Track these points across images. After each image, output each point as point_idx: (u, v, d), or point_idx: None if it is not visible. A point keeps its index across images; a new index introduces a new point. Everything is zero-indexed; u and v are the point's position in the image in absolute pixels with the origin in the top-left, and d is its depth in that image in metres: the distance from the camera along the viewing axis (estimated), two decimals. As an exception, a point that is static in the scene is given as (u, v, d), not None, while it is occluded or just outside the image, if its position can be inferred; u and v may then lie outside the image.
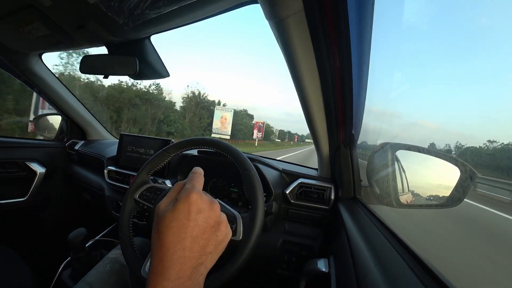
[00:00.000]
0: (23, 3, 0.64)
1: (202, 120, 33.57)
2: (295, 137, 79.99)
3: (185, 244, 0.29)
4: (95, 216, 1.42)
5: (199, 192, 0.32)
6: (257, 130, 40.26)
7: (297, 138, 79.88)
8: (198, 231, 0.30)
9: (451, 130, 36.02)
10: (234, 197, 0.93)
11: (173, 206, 0.31)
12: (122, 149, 1.10)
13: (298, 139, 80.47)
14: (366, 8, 0.41)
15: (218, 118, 31.41)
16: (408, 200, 0.63)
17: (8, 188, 1.20)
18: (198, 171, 0.38)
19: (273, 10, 0.38)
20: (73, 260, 0.86)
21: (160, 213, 0.31)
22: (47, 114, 1.49)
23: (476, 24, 50.00)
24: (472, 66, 61.01)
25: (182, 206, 0.30)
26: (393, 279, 0.33)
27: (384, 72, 0.76)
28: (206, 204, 0.32)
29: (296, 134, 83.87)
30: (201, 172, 0.38)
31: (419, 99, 18.65)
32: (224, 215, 0.35)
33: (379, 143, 0.74)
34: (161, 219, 0.30)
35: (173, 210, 0.30)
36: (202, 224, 0.31)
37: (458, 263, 1.64)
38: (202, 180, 0.36)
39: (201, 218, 0.31)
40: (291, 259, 0.79)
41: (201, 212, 0.31)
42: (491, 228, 3.05)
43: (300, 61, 0.47)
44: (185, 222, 0.30)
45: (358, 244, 0.45)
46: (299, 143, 71.73)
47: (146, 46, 0.81)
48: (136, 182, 0.65)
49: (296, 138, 78.91)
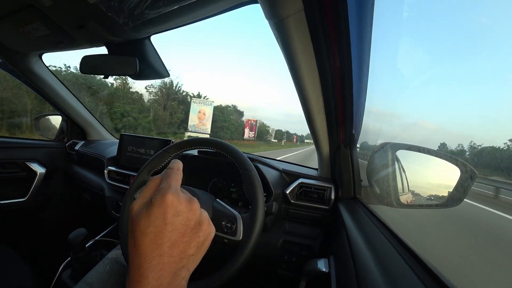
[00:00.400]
0: (23, 3, 0.64)
1: (174, 116, 27.38)
2: (294, 137, 77.15)
3: (163, 250, 0.27)
4: (95, 216, 1.42)
5: (175, 192, 0.29)
6: (249, 129, 36.15)
7: (296, 138, 77.13)
8: (176, 235, 0.28)
9: (451, 130, 35.88)
10: (234, 197, 0.93)
11: (147, 210, 0.27)
12: (122, 149, 1.10)
13: (298, 139, 77.56)
14: (366, 8, 0.41)
15: (195, 112, 25.46)
16: (408, 200, 0.63)
17: (8, 188, 1.20)
18: (176, 166, 0.33)
19: (273, 10, 0.38)
20: (73, 260, 0.86)
21: (134, 217, 0.28)
22: (47, 114, 1.49)
23: (476, 24, 49.87)
24: (473, 66, 60.90)
25: (157, 210, 0.27)
26: (393, 279, 0.33)
27: (384, 72, 0.76)
28: (184, 205, 0.29)
29: (295, 134, 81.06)
30: (178, 167, 0.34)
31: (419, 99, 18.70)
32: (205, 212, 0.33)
33: (379, 143, 0.74)
34: (136, 225, 0.27)
35: (148, 214, 0.27)
36: (181, 227, 0.28)
37: (459, 263, 1.64)
38: (180, 176, 0.33)
39: (179, 220, 0.28)
40: (291, 259, 0.79)
41: (179, 215, 0.28)
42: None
43: (300, 61, 0.47)
44: (162, 227, 0.27)
45: (358, 244, 0.45)
46: (296, 143, 67.88)
47: (146, 46, 0.81)
48: (136, 182, 0.65)
49: (295, 139, 76.14)
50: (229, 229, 0.54)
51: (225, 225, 0.54)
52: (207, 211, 0.56)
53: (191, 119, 25.62)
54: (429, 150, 0.56)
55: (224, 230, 0.54)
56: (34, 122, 1.47)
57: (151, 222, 0.27)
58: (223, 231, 0.54)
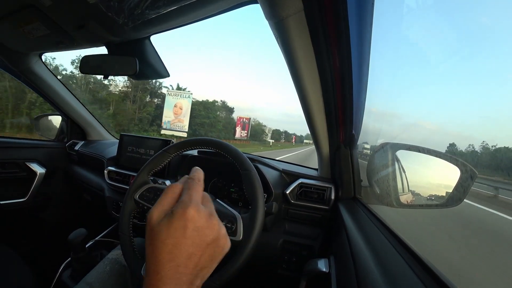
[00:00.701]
0: (23, 3, 0.64)
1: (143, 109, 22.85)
2: (293, 137, 74.97)
3: (179, 261, 0.28)
4: (95, 217, 1.42)
5: (196, 207, 0.30)
6: (241, 128, 33.11)
7: (294, 138, 75.35)
8: (194, 248, 0.29)
9: (451, 131, 35.65)
10: (234, 197, 0.93)
11: (168, 221, 0.29)
12: (122, 150, 1.10)
13: (297, 140, 76.20)
14: (366, 8, 0.41)
15: (170, 107, 21.64)
16: (408, 200, 0.63)
17: (8, 188, 1.20)
18: (197, 176, 0.34)
19: (273, 10, 0.38)
20: (73, 261, 0.86)
21: (154, 226, 0.29)
22: (47, 114, 1.49)
23: (477, 23, 49.80)
24: (473, 66, 60.82)
25: (178, 223, 0.28)
26: (394, 279, 0.33)
27: (384, 72, 0.76)
28: (204, 220, 0.30)
29: (294, 134, 78.73)
30: (200, 178, 0.34)
31: (419, 99, 18.53)
32: (223, 228, 0.33)
33: (379, 143, 0.74)
34: (156, 234, 0.29)
35: (168, 226, 0.28)
36: (199, 242, 0.29)
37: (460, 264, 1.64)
38: (201, 187, 0.33)
39: (198, 235, 0.29)
40: (291, 259, 0.79)
41: (198, 230, 0.29)
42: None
43: (300, 61, 0.47)
44: (180, 239, 0.28)
45: (358, 244, 0.45)
46: (293, 144, 65.59)
47: (146, 46, 0.81)
48: (136, 183, 0.65)
49: (293, 139, 74.17)
50: (229, 229, 0.54)
51: (225, 225, 0.54)
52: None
53: (166, 114, 21.99)
54: (429, 150, 0.56)
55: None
56: (34, 122, 1.47)
57: (171, 234, 0.28)
58: None
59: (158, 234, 0.28)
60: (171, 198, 0.31)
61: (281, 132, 67.69)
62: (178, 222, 0.28)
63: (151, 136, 1.15)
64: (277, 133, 64.84)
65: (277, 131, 65.77)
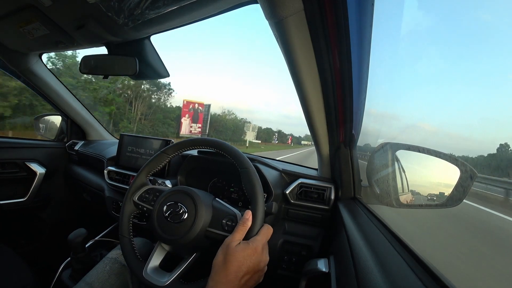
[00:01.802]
0: (23, 3, 0.64)
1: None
2: (289, 138, 66.20)
3: (239, 275, 0.44)
4: (95, 217, 1.42)
5: (264, 245, 0.49)
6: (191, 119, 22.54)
7: (291, 139, 67.02)
8: (248, 270, 0.45)
9: (451, 132, 35.68)
10: (234, 197, 0.93)
11: (244, 248, 0.45)
12: (122, 150, 1.09)
13: (294, 141, 68.67)
14: (366, 8, 0.41)
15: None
16: (408, 200, 0.63)
17: (8, 188, 1.20)
18: (270, 229, 0.52)
19: (273, 10, 0.38)
20: (73, 260, 0.86)
21: (231, 247, 0.45)
22: (47, 114, 1.49)
23: (477, 23, 49.79)
24: (473, 66, 60.72)
25: (250, 251, 0.45)
26: (393, 279, 0.33)
27: (384, 72, 0.76)
28: (264, 254, 0.49)
29: (290, 135, 68.69)
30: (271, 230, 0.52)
31: (419, 100, 18.61)
32: (267, 255, 0.51)
33: (379, 143, 0.74)
34: (232, 253, 0.45)
35: (243, 252, 0.45)
36: (253, 267, 0.46)
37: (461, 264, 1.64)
38: (270, 233, 0.52)
39: (255, 263, 0.46)
40: (291, 259, 0.79)
41: (258, 260, 0.46)
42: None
43: (300, 61, 0.47)
44: (245, 262, 0.44)
45: (358, 244, 0.45)
46: (286, 145, 56.51)
47: (146, 46, 0.80)
48: (134, 185, 0.65)
49: (290, 140, 65.79)
50: (229, 227, 0.54)
51: (226, 224, 0.54)
52: (207, 211, 0.56)
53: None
54: (429, 150, 0.56)
55: (225, 229, 0.54)
56: (34, 122, 1.47)
57: (241, 257, 0.45)
58: (224, 230, 0.54)
59: (234, 253, 0.44)
60: (245, 229, 0.50)
61: (272, 132, 56.70)
62: (251, 251, 0.46)
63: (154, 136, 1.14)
64: (267, 132, 54.48)
65: (268, 130, 55.52)
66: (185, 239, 0.53)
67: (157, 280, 0.54)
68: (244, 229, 0.49)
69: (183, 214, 0.55)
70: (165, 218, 0.55)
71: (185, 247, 0.56)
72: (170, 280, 0.53)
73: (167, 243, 0.58)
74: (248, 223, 0.50)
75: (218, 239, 0.53)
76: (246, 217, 0.51)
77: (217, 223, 0.55)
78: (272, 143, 51.34)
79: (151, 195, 0.63)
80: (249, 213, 0.52)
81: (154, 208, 0.58)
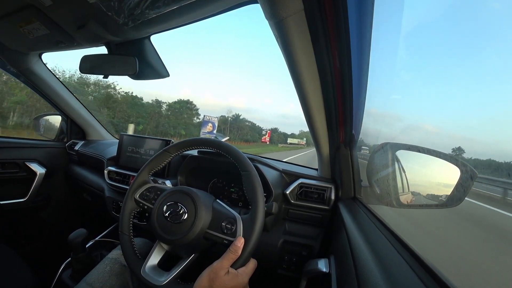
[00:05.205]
0: (23, 3, 0.64)
1: None
2: (267, 133, 45.65)
3: None
4: (95, 217, 1.42)
5: (248, 278, 0.52)
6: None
7: (269, 135, 46.27)
8: None
9: (453, 133, 35.24)
10: (234, 197, 0.93)
11: (231, 279, 0.48)
12: (122, 150, 1.09)
13: (281, 140, 50.73)
14: (366, 8, 0.41)
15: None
16: (408, 200, 0.63)
17: (8, 188, 1.20)
18: (255, 265, 0.55)
19: (273, 10, 0.38)
20: (74, 261, 0.86)
21: (220, 275, 0.48)
22: (47, 114, 1.49)
23: (477, 23, 49.28)
24: (474, 66, 60.38)
25: (236, 280, 0.49)
26: (394, 279, 0.33)
27: (384, 72, 0.76)
28: (246, 282, 0.51)
29: (269, 129, 47.80)
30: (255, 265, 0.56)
31: (419, 100, 18.41)
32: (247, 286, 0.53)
33: (379, 144, 0.73)
34: (220, 282, 0.47)
35: (230, 281, 0.48)
36: None
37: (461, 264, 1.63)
38: (254, 267, 0.55)
39: None
40: (291, 259, 0.79)
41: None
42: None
43: (300, 61, 0.47)
44: (227, 285, 0.48)
45: (358, 244, 0.45)
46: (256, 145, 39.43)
47: (146, 46, 0.80)
48: (136, 182, 0.65)
49: (268, 135, 45.38)
50: (229, 230, 0.54)
51: (225, 226, 0.54)
52: (207, 212, 0.56)
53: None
54: (429, 150, 0.56)
55: (224, 231, 0.54)
56: (33, 122, 1.47)
57: (226, 280, 0.48)
58: (223, 232, 0.54)
59: (221, 283, 0.47)
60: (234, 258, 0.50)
61: (253, 127, 37.56)
62: (236, 280, 0.49)
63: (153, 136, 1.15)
64: (246, 128, 35.73)
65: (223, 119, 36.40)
66: (184, 240, 0.53)
67: (154, 279, 0.54)
68: (233, 258, 0.50)
69: (183, 214, 0.55)
70: (165, 218, 0.55)
71: (183, 247, 0.56)
72: (168, 280, 0.54)
73: (166, 242, 0.58)
74: (239, 251, 0.50)
75: (217, 241, 0.53)
76: (238, 244, 0.50)
77: (216, 225, 0.55)
78: (260, 142, 40.40)
79: (152, 194, 0.63)
80: (241, 240, 0.50)
81: (155, 207, 0.58)
